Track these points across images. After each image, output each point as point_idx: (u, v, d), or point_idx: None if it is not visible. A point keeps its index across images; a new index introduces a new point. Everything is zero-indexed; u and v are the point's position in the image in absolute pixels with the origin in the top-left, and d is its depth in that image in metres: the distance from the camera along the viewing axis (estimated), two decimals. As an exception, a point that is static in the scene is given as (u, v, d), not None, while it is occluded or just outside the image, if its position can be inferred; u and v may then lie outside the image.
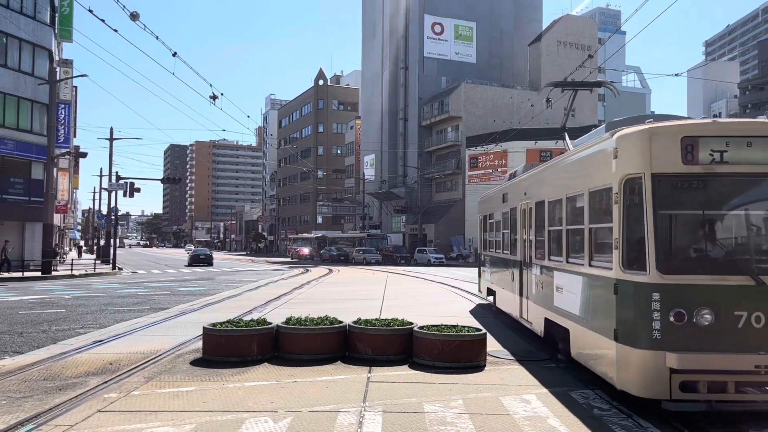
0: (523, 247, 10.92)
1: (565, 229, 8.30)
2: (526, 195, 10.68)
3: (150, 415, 6.04)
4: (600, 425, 5.86)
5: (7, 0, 34.21)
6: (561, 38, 67.66)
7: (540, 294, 9.54)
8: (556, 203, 8.84)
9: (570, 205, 8.23)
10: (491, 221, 14.84)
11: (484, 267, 16.02)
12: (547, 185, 9.42)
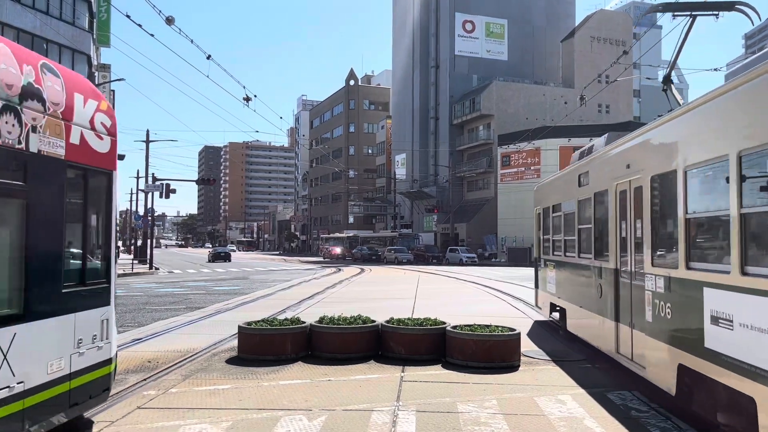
0: (621, 248, 7.75)
1: (739, 214, 4.85)
2: (632, 168, 7.39)
3: (188, 412, 6.15)
4: (638, 427, 5.76)
5: (47, 7, 35.19)
6: (595, 34, 66.63)
7: (664, 324, 6.27)
8: (710, 169, 5.49)
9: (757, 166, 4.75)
10: (556, 215, 11.54)
11: (545, 275, 12.53)
12: (689, 142, 5.99)
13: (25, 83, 4.77)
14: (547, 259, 12.45)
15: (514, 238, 55.10)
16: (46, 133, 4.97)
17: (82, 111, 5.57)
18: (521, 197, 55.74)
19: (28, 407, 4.67)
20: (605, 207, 8.39)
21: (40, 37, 34.76)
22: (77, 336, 5.40)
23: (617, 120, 60.26)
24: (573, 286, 10.22)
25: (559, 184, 11.71)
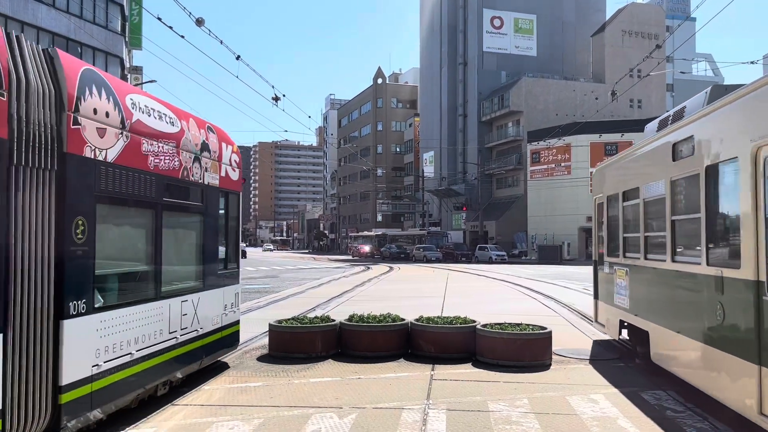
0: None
1: None
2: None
3: (220, 409, 6.22)
4: (674, 427, 5.64)
5: (80, 11, 35.97)
6: (626, 27, 65.52)
7: None
8: None
9: None
10: (630, 203, 8.66)
11: (611, 283, 9.53)
12: None
13: (202, 141, 7.66)
14: (615, 263, 9.36)
15: (545, 235, 54.55)
16: (211, 171, 7.87)
17: (226, 154, 8.41)
18: (552, 194, 55.17)
19: (205, 345, 7.68)
20: (731, 185, 5.66)
21: (74, 41, 35.54)
22: (225, 302, 8.34)
23: (650, 115, 59.17)
24: (662, 301, 7.41)
25: (634, 163, 8.80)
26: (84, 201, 5.36)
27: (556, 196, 54.79)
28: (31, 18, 33.00)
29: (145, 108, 6.40)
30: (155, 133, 6.50)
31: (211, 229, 7.93)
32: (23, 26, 32.65)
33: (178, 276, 7.22)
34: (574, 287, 22.38)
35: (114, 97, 5.88)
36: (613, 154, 52.54)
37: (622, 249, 8.99)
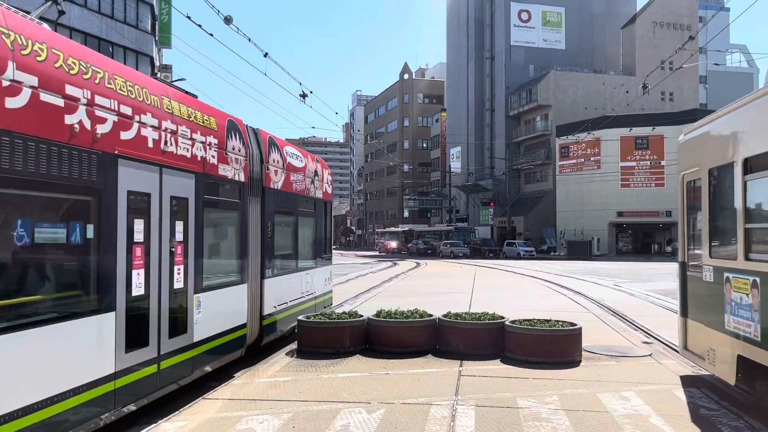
0: None
1: None
2: None
3: (249, 403, 6.29)
4: (708, 426, 5.54)
5: (112, 11, 36.57)
6: (657, 19, 64.25)
7: None
8: None
9: None
10: (755, 178, 5.72)
11: (721, 298, 6.31)
12: None
13: (315, 169, 11.87)
14: (728, 268, 6.22)
15: (574, 230, 53.93)
16: (318, 188, 12.08)
17: (326, 176, 12.82)
18: (581, 189, 54.50)
19: (317, 303, 11.87)
20: None
21: (106, 40, 36.15)
22: (325, 276, 12.77)
23: (682, 108, 58.08)
24: None
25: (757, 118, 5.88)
26: (271, 212, 9.26)
27: (586, 190, 54.11)
28: (64, 18, 33.63)
29: (291, 154, 10.55)
30: (296, 168, 10.69)
31: (320, 227, 12.34)
32: (56, 26, 33.34)
33: (305, 258, 11.40)
34: (603, 283, 22.10)
35: (280, 151, 9.94)
36: (644, 148, 51.96)
37: (743, 247, 5.83)
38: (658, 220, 52.04)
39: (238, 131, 8.29)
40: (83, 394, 4.89)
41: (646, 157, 52.25)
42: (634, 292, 18.42)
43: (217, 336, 7.49)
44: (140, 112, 5.85)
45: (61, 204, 4.90)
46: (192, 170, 6.87)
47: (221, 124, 7.82)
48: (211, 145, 7.38)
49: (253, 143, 8.79)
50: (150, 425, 5.59)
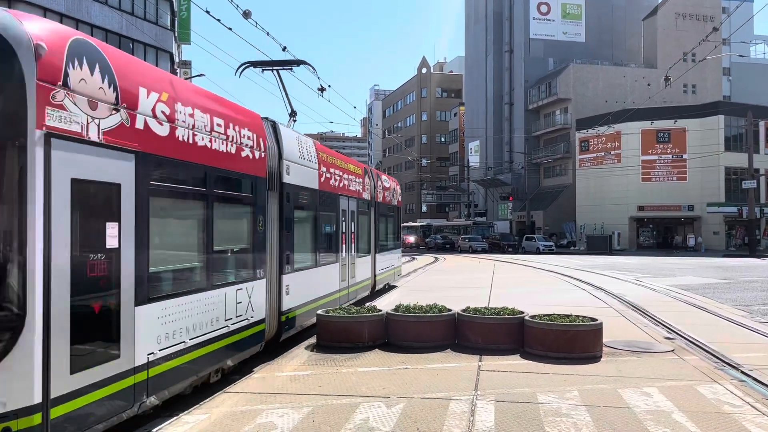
0: None
1: None
2: None
3: (269, 396, 6.33)
4: (732, 423, 5.47)
5: (132, 8, 36.89)
6: (680, 10, 63.23)
7: None
8: None
9: None
10: None
11: None
12: None
13: (372, 183, 15.66)
14: None
15: (594, 225, 53.45)
16: (375, 193, 15.88)
17: (385, 181, 17.73)
18: (601, 183, 53.96)
19: (393, 273, 18.78)
20: None
21: (126, 37, 36.49)
22: (398, 256, 19.99)
23: (704, 100, 57.16)
24: None
25: None
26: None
27: (606, 185, 53.56)
28: (85, 16, 34.02)
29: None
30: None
31: (386, 224, 17.45)
32: (78, 24, 33.71)
33: (382, 244, 16.48)
34: (624, 278, 21.88)
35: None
36: (666, 141, 51.32)
37: None
38: (680, 215, 51.35)
39: None
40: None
41: (668, 150, 51.55)
42: (656, 287, 18.21)
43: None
44: None
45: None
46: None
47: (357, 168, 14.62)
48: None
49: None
50: (171, 418, 5.65)
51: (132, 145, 5.31)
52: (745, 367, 7.50)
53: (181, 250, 6.61)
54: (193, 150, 6.33)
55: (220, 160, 6.94)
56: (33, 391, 4.18)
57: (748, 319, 11.97)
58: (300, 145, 9.98)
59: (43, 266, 4.32)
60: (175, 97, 6.07)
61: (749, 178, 42.57)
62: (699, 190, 49.75)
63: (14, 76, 4.24)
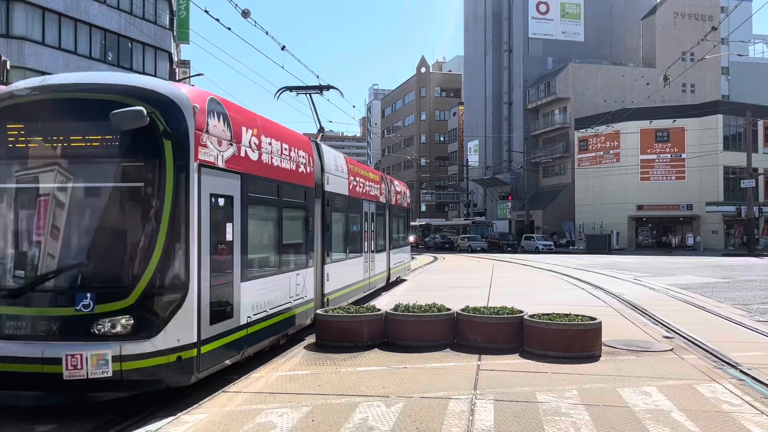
0: None
1: None
2: None
3: (269, 396, 6.33)
4: (730, 422, 5.47)
5: (131, 7, 36.86)
6: (678, 9, 63.26)
7: None
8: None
9: None
10: None
11: None
12: None
13: (387, 189, 17.67)
14: None
15: (593, 224, 53.49)
16: (390, 197, 18.06)
17: (397, 186, 19.81)
18: (600, 182, 54.00)
19: (405, 268, 21.24)
20: None
21: (125, 36, 36.45)
22: (407, 253, 21.78)
23: (703, 99, 57.21)
24: None
25: None
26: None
27: (605, 184, 53.60)
28: (83, 15, 33.99)
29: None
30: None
31: (397, 224, 19.24)
32: (76, 23, 33.67)
33: (395, 242, 18.59)
34: (623, 277, 21.90)
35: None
36: (665, 141, 51.35)
37: None
38: (679, 214, 51.39)
39: None
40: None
41: (667, 149, 51.58)
42: (655, 287, 18.23)
43: None
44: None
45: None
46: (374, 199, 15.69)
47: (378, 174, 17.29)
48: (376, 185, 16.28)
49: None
50: (170, 417, 5.65)
51: (239, 168, 7.36)
52: (744, 366, 7.51)
53: (264, 243, 8.50)
54: (270, 169, 8.46)
55: (286, 176, 9.08)
56: (193, 334, 6.20)
57: (746, 318, 11.99)
58: (335, 159, 12.17)
59: (198, 254, 6.29)
60: (261, 131, 8.18)
61: (748, 177, 42.63)
62: (698, 190, 49.80)
63: (182, 128, 6.23)
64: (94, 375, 5.68)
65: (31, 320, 5.85)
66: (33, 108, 6.26)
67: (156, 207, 6.10)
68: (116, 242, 6.30)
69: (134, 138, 6.08)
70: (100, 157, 6.25)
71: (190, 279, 6.15)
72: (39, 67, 31.82)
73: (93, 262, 6.27)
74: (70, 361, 5.64)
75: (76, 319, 5.83)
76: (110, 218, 6.38)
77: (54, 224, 6.18)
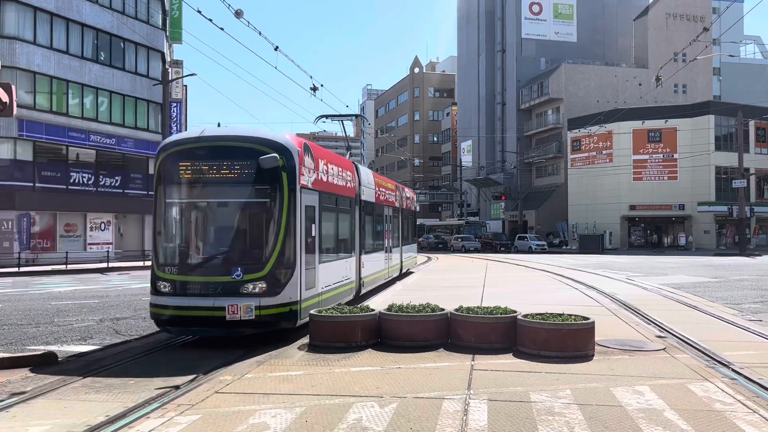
0: None
1: None
2: None
3: (262, 397, 6.31)
4: (723, 420, 5.49)
5: (123, 7, 36.69)
6: (670, 10, 63.59)
7: None
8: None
9: None
10: None
11: None
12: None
13: (400, 195, 21.38)
14: None
15: (586, 224, 53.68)
16: (402, 202, 21.64)
17: (407, 192, 23.57)
18: (593, 182, 54.20)
19: (413, 262, 25.77)
20: None
21: (117, 36, 36.29)
22: (414, 248, 25.99)
23: (695, 100, 57.52)
24: None
25: None
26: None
27: (598, 184, 53.81)
28: (75, 15, 33.83)
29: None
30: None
31: (406, 224, 22.14)
32: (68, 23, 33.49)
33: (401, 239, 21.28)
34: (616, 277, 21.98)
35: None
36: (657, 141, 51.58)
37: None
38: (671, 214, 51.66)
39: None
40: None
41: (659, 150, 51.85)
42: (647, 286, 18.30)
43: None
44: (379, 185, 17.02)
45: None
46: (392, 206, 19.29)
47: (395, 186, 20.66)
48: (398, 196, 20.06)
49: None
50: (164, 419, 5.63)
51: (317, 187, 10.80)
52: (736, 365, 7.55)
53: (329, 238, 11.75)
54: (333, 186, 12.00)
55: (340, 190, 12.74)
56: (297, 295, 9.62)
57: (738, 317, 12.05)
58: (366, 174, 15.77)
59: (300, 245, 9.68)
60: (327, 160, 11.67)
61: (739, 177, 42.88)
62: (690, 190, 50.06)
63: (292, 164, 9.58)
64: (244, 318, 9.04)
65: (206, 284, 9.26)
66: (197, 151, 9.67)
67: (277, 214, 9.46)
68: (254, 236, 9.78)
69: (265, 171, 9.37)
70: (242, 183, 9.60)
71: (296, 260, 9.57)
72: (30, 67, 31.66)
73: (240, 249, 9.77)
74: (230, 309, 9.00)
75: (233, 283, 9.19)
76: (250, 221, 9.84)
77: (216, 226, 10.04)
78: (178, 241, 9.89)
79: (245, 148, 9.54)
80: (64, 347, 9.69)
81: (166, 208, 9.81)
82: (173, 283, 9.36)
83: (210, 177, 9.57)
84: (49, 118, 32.46)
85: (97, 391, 6.75)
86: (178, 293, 9.29)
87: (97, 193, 34.92)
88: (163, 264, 9.56)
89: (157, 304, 9.43)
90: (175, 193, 9.77)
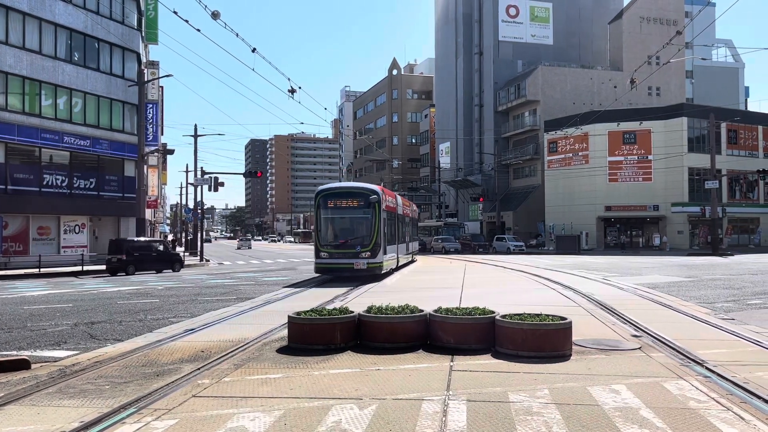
0: None
1: None
2: None
3: (241, 400, 6.26)
4: (697, 417, 5.58)
5: (97, 7, 36.17)
6: (644, 14, 64.57)
7: None
8: None
9: None
10: None
11: None
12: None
13: (411, 208, 34.65)
14: None
15: (563, 225, 54.21)
16: (413, 213, 35.46)
17: (404, 202, 30.64)
18: (569, 184, 54.77)
19: (416, 253, 38.12)
20: None
21: (92, 36, 35.76)
22: (416, 244, 38.60)
23: (669, 102, 58.43)
24: None
25: None
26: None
27: (574, 185, 54.39)
28: (48, 14, 33.27)
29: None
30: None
31: (411, 226, 34.12)
32: (41, 23, 32.93)
33: (411, 237, 33.33)
34: (593, 277, 22.22)
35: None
36: (632, 142, 52.40)
37: None
38: (646, 214, 52.41)
39: None
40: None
41: (634, 151, 52.58)
42: (623, 286, 18.53)
43: None
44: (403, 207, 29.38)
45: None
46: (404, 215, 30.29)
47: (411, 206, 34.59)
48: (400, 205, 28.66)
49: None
50: (141, 423, 5.55)
51: (385, 208, 22.43)
52: (710, 363, 7.67)
53: (390, 234, 23.54)
54: (390, 207, 23.61)
55: (392, 209, 24.11)
56: (382, 259, 21.91)
57: (711, 316, 12.25)
58: (396, 197, 26.37)
59: (382, 236, 21.76)
60: (387, 194, 23.51)
61: (711, 178, 43.65)
62: (663, 191, 50.83)
63: (379, 199, 21.74)
64: (360, 267, 20.99)
65: (344, 253, 21.16)
66: (336, 192, 22.06)
67: (375, 222, 21.24)
68: (365, 232, 21.35)
69: (370, 203, 21.33)
70: (359, 207, 21.50)
71: (381, 243, 21.37)
72: (2, 68, 31.09)
73: (359, 237, 21.31)
74: (356, 264, 20.97)
75: (356, 253, 21.05)
76: (362, 225, 21.47)
77: (349, 227, 21.82)
78: (330, 233, 21.50)
79: (359, 192, 21.78)
80: (37, 352, 9.52)
81: (323, 220, 21.53)
82: (329, 253, 21.09)
83: (344, 205, 21.49)
84: (21, 119, 31.89)
85: (72, 396, 6.63)
86: (331, 257, 21.07)
87: (71, 196, 34.38)
88: (323, 244, 21.21)
89: (320, 263, 21.17)
90: (329, 212, 21.65)
